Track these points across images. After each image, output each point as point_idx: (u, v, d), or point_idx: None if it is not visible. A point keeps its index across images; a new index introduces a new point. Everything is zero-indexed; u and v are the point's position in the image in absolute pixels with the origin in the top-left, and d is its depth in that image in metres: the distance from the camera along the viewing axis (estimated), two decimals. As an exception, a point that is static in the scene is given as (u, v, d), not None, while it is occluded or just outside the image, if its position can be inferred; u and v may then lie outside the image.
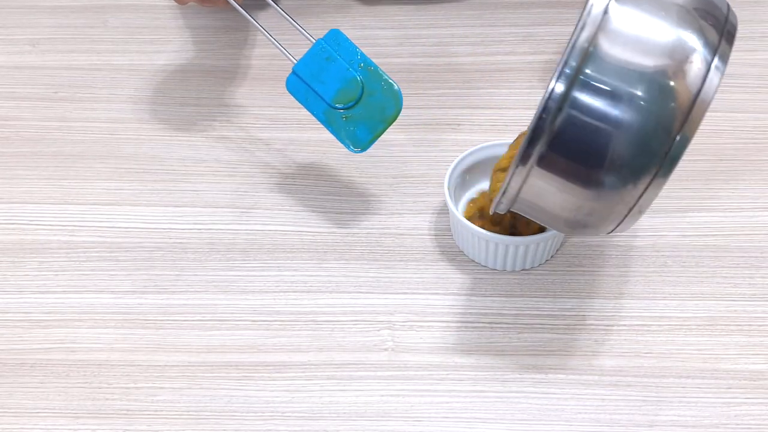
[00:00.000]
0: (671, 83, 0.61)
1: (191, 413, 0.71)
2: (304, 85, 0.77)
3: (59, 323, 0.76)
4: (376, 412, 0.71)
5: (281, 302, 0.77)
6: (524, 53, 0.96)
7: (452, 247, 0.80)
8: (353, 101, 0.77)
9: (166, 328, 0.76)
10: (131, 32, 0.99)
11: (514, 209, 0.68)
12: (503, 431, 0.70)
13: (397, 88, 0.77)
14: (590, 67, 0.61)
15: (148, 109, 0.92)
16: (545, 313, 0.76)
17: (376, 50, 0.87)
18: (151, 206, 0.84)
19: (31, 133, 0.90)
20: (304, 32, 0.78)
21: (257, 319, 0.76)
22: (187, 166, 0.87)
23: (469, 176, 0.81)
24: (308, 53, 0.77)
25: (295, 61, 0.78)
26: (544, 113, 0.61)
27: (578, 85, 0.61)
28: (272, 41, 0.79)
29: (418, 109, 0.90)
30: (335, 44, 0.77)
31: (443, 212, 0.82)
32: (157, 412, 0.71)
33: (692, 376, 0.72)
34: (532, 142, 0.62)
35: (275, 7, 0.80)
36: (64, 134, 0.90)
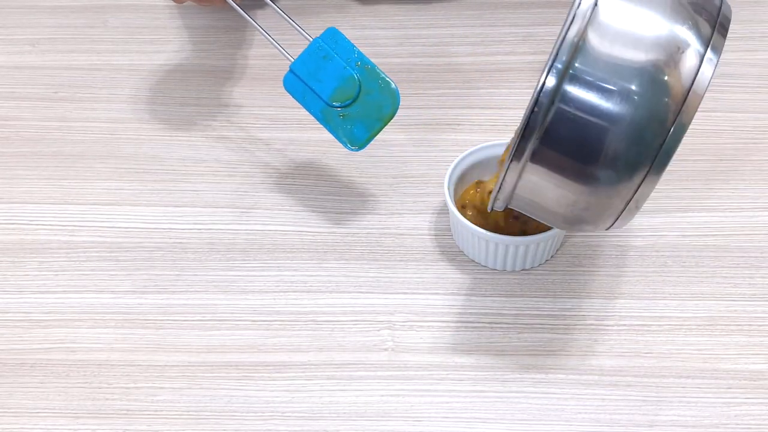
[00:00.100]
0: (662, 75, 0.60)
1: (191, 413, 0.71)
2: (301, 83, 0.77)
3: (59, 323, 0.76)
4: (376, 412, 0.71)
5: (281, 302, 0.77)
6: (524, 53, 0.95)
7: (452, 247, 0.80)
8: (350, 99, 0.77)
9: (166, 328, 0.76)
10: (131, 32, 0.99)
11: (511, 206, 0.68)
12: (503, 431, 0.70)
13: (394, 86, 0.77)
14: (581, 60, 0.60)
15: (148, 109, 0.92)
16: (545, 313, 0.76)
17: (375, 50, 0.87)
18: (151, 206, 0.84)
19: (31, 133, 0.90)
20: (301, 31, 0.78)
21: (257, 319, 0.76)
22: (187, 166, 0.87)
23: (469, 176, 0.81)
24: (305, 52, 0.77)
25: (292, 59, 0.78)
26: (535, 108, 0.61)
27: (569, 79, 0.60)
28: (269, 40, 0.79)
29: (418, 109, 0.90)
30: (332, 43, 0.77)
31: (443, 212, 0.82)
32: (157, 412, 0.71)
33: (692, 376, 0.72)
34: (524, 137, 0.62)
35: (273, 6, 0.80)
36: (64, 134, 0.90)
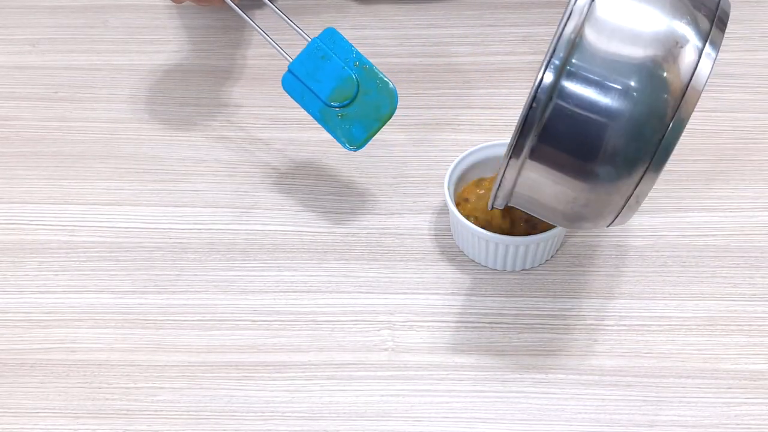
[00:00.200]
0: (661, 70, 0.60)
1: (191, 413, 0.71)
2: (299, 83, 0.77)
3: (59, 323, 0.76)
4: (376, 412, 0.71)
5: (281, 302, 0.77)
6: (524, 53, 0.95)
7: (452, 247, 0.80)
8: (349, 99, 0.77)
9: (166, 328, 0.76)
10: (131, 32, 0.99)
11: (512, 204, 0.68)
12: (503, 431, 0.70)
13: (392, 86, 0.77)
14: (578, 56, 0.60)
15: (147, 108, 0.92)
16: (545, 313, 0.76)
17: (375, 50, 0.87)
18: (151, 206, 0.84)
19: (31, 133, 0.90)
20: (299, 31, 0.78)
21: (257, 319, 0.76)
22: (187, 166, 0.87)
23: (469, 176, 0.81)
24: (304, 51, 0.77)
25: (291, 59, 0.78)
26: (533, 104, 0.61)
27: (567, 75, 0.60)
28: (268, 40, 0.79)
29: (418, 109, 0.90)
30: (331, 43, 0.77)
31: (443, 212, 0.82)
32: (157, 412, 0.71)
33: (692, 376, 0.72)
34: (522, 134, 0.61)
35: (271, 6, 0.80)
36: (64, 134, 0.90)
